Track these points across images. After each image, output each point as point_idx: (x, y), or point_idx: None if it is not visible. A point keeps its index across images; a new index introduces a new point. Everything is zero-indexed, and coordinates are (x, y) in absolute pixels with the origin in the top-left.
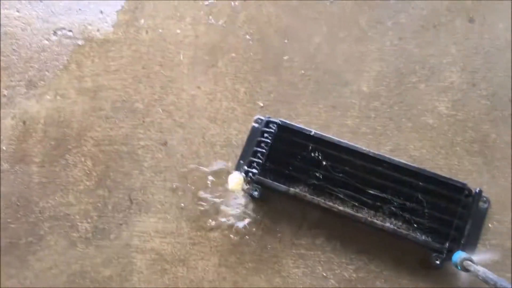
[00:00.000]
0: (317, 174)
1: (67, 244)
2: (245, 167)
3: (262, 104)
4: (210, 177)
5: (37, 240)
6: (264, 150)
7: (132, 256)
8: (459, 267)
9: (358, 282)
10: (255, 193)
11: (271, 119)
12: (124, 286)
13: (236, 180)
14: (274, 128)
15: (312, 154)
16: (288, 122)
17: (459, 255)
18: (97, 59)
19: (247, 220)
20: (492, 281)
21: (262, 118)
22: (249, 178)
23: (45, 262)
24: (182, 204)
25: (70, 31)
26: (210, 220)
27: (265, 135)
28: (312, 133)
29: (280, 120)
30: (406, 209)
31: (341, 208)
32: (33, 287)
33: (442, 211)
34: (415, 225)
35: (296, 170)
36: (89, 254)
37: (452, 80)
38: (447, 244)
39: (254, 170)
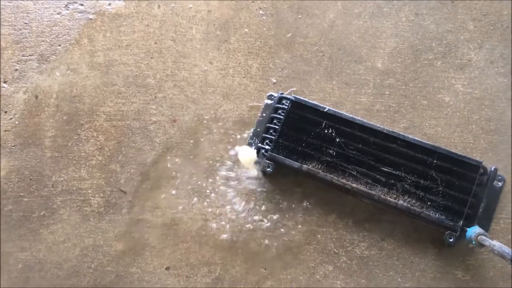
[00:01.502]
0: (330, 151)
1: (79, 218)
2: (258, 143)
3: (275, 80)
4: (221, 153)
5: (50, 214)
6: (277, 127)
7: (144, 231)
8: (473, 242)
9: (370, 260)
10: (268, 169)
11: (284, 95)
12: (136, 260)
13: (247, 154)
14: (287, 104)
15: (326, 131)
16: (301, 98)
17: (473, 230)
18: (109, 33)
19: (259, 196)
20: (508, 256)
21: (275, 94)
22: (261, 154)
23: (58, 235)
24: (194, 180)
25: (82, 5)
26: (222, 197)
27: (278, 111)
28: (325, 110)
29: (293, 96)
30: (420, 187)
31: (354, 185)
32: (46, 259)
33: (456, 189)
34: (428, 203)
35: (309, 146)
36: (101, 228)
37: (470, 57)
38: (461, 222)
39: (267, 147)
